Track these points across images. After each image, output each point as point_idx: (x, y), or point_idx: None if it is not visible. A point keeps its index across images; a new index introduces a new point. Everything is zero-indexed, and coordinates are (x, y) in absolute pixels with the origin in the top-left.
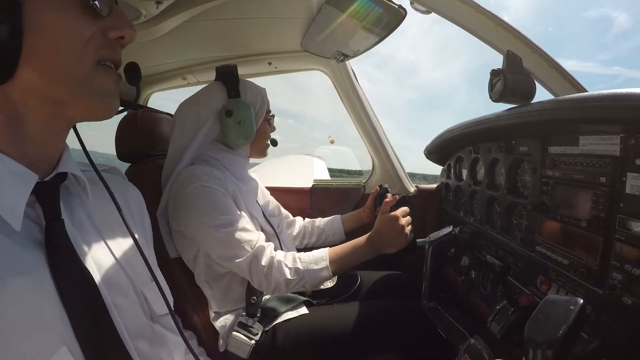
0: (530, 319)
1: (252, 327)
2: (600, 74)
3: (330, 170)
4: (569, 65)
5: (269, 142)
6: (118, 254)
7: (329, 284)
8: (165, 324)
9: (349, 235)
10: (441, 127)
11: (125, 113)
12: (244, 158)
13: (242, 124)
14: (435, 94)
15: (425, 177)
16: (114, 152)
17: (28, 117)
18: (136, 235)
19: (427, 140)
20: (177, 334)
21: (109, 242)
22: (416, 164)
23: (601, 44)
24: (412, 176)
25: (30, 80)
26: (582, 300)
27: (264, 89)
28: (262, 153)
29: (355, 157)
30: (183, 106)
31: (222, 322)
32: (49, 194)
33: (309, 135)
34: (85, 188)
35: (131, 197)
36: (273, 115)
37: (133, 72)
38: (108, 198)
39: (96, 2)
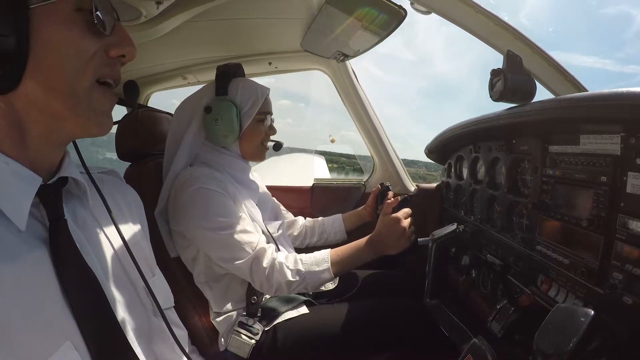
0: (540, 329)
1: (253, 327)
2: (617, 72)
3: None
4: (588, 61)
5: (266, 145)
6: (119, 253)
7: (330, 285)
8: (167, 319)
9: (350, 234)
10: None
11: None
12: (241, 160)
13: (219, 121)
14: (448, 83)
15: (426, 166)
16: None
17: (29, 126)
18: (132, 236)
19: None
20: (182, 327)
21: (110, 241)
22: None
23: (619, 41)
24: (415, 164)
25: (32, 92)
26: (592, 312)
27: (266, 88)
28: (255, 156)
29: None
30: (181, 104)
31: (223, 321)
32: (51, 196)
33: (319, 119)
34: (85, 192)
35: (131, 198)
36: (267, 114)
37: (131, 90)
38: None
39: (99, 20)
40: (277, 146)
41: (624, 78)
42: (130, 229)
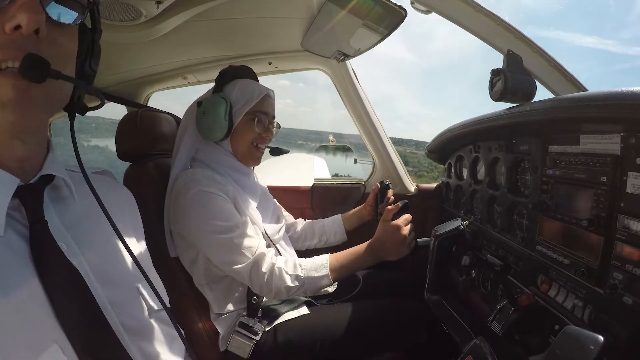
0: (547, 354)
1: (253, 327)
2: (620, 53)
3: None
4: (590, 42)
5: (260, 148)
6: (111, 252)
7: (329, 289)
8: (162, 319)
9: (351, 233)
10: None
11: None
12: (237, 160)
13: (206, 114)
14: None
15: (417, 145)
16: None
17: None
18: (124, 235)
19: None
20: (178, 327)
21: (101, 240)
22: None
23: (623, 22)
24: (404, 142)
25: None
26: (602, 339)
27: (268, 90)
28: (247, 157)
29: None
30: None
31: (223, 322)
32: (31, 197)
33: (320, 99)
34: (72, 190)
35: (124, 198)
36: (261, 114)
37: (34, 66)
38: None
39: None
40: (274, 151)
41: (627, 60)
42: (122, 229)
